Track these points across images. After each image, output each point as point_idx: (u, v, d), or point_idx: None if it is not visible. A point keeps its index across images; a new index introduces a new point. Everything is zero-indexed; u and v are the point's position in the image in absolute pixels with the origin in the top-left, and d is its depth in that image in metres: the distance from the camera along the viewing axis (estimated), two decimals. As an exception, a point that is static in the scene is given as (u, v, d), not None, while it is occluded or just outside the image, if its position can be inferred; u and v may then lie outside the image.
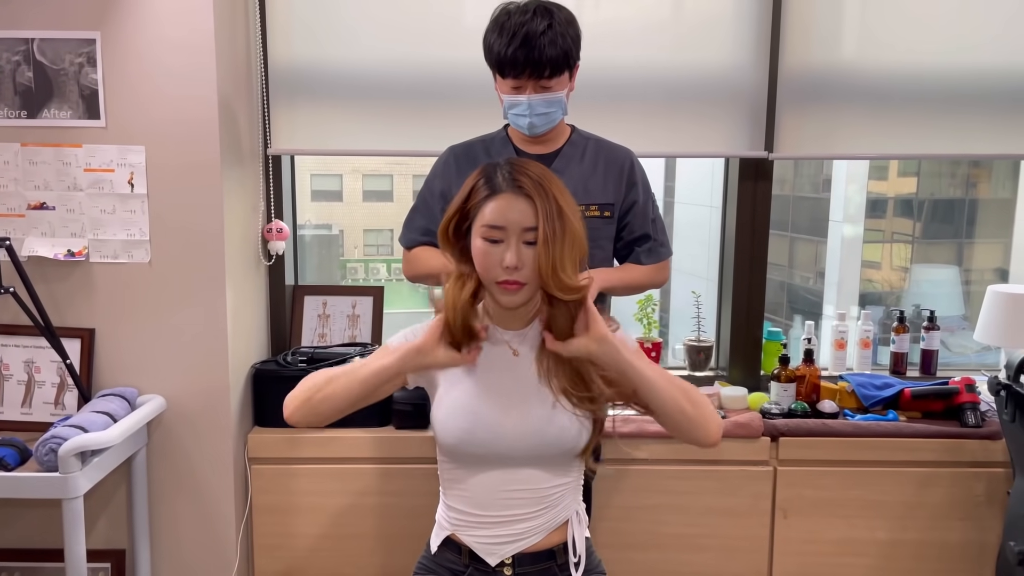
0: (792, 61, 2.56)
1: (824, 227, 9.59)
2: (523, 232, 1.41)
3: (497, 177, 1.44)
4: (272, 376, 2.45)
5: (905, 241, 9.33)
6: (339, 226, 7.78)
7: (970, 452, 2.45)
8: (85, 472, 1.98)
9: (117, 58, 2.19)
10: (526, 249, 1.41)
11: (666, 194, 10.65)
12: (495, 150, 2.03)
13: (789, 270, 10.65)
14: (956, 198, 7.50)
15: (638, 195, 2.05)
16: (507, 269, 1.41)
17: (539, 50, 1.81)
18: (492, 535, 1.56)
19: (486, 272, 1.44)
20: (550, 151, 2.01)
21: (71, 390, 2.27)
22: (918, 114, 2.59)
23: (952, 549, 2.49)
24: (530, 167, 1.45)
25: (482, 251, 1.43)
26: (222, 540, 2.39)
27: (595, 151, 2.04)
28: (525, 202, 1.40)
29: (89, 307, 2.29)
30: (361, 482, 2.43)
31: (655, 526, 2.46)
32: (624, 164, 2.04)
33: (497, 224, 1.41)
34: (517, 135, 2.02)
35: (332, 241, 8.17)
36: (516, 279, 1.42)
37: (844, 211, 9.38)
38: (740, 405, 2.56)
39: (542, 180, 1.43)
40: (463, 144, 2.08)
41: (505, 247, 1.41)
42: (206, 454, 2.35)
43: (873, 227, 9.30)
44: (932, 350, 2.78)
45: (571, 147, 2.03)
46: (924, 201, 8.81)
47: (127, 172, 2.23)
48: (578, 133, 2.07)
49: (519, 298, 1.46)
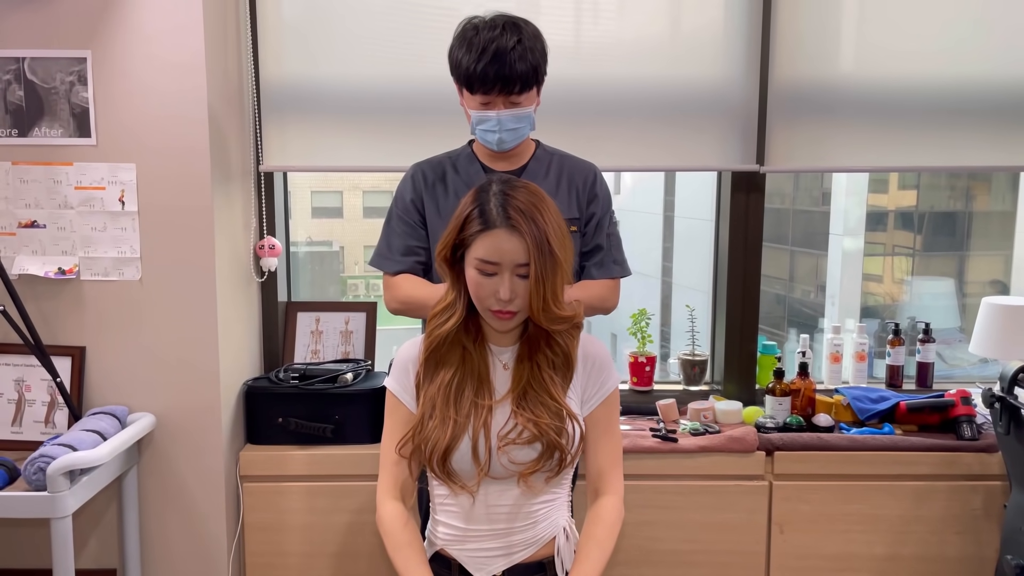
0: (782, 74, 2.56)
1: (824, 240, 9.59)
2: (516, 267, 1.47)
3: (491, 211, 1.48)
4: (264, 393, 2.44)
5: (906, 254, 9.32)
6: (339, 242, 7.79)
7: (966, 465, 2.43)
8: (74, 491, 1.97)
9: (108, 76, 2.20)
10: (519, 281, 1.48)
11: (666, 208, 10.68)
12: (461, 167, 2.02)
13: (789, 283, 10.65)
14: (956, 211, 7.51)
15: (597, 208, 2.03)
16: (500, 300, 1.47)
17: (509, 66, 1.81)
18: (481, 548, 1.59)
19: (480, 301, 1.51)
20: (516, 167, 2.00)
21: (62, 409, 2.26)
22: (911, 126, 2.59)
23: (950, 563, 2.47)
24: (519, 197, 1.49)
25: (476, 282, 1.49)
26: (214, 559, 2.37)
27: (559, 167, 2.03)
28: (517, 239, 1.46)
29: (80, 325, 2.28)
30: (354, 500, 2.42)
31: (648, 542, 2.44)
32: (587, 177, 2.03)
33: (491, 260, 1.47)
34: (483, 151, 2.01)
35: (332, 258, 8.17)
36: (508, 309, 1.49)
37: (844, 224, 9.38)
38: (735, 419, 2.55)
39: (534, 212, 1.48)
40: (427, 161, 2.05)
41: (499, 280, 1.48)
42: (197, 472, 2.34)
43: (873, 240, 9.30)
44: (928, 363, 2.77)
45: (536, 163, 2.02)
46: (924, 214, 8.82)
47: (118, 190, 2.23)
48: (543, 148, 2.05)
49: (511, 324, 1.54)
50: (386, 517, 1.60)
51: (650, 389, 2.74)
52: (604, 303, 2.03)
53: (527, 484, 1.55)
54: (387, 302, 2.02)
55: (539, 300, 1.47)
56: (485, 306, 1.50)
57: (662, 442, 2.42)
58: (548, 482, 1.58)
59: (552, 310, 1.49)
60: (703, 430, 2.48)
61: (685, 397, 2.72)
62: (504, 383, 1.57)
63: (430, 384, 1.57)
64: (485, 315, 1.53)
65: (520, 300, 1.48)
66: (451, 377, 1.55)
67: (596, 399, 1.62)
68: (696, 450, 2.41)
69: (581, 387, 1.61)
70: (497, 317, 1.51)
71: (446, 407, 1.53)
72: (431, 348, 1.57)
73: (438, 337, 1.56)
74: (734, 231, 2.69)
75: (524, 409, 1.54)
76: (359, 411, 2.42)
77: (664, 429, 2.47)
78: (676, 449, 2.41)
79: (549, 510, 1.61)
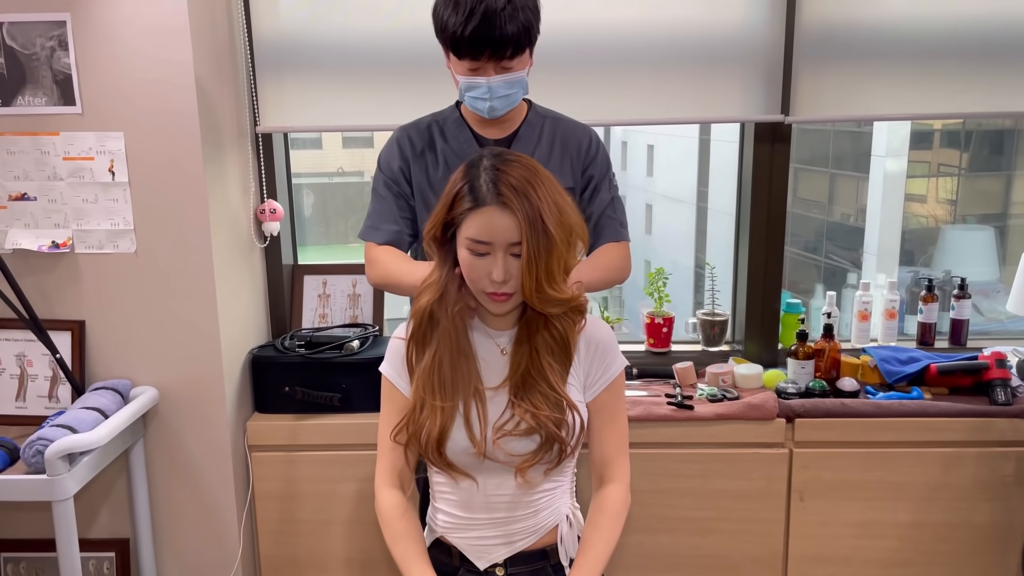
0: (810, 15, 2.37)
1: (866, 163, 9.26)
2: (509, 246, 1.37)
3: (481, 186, 1.38)
4: (270, 363, 2.39)
5: (952, 174, 8.98)
6: (371, 173, 7.72)
7: (999, 431, 2.32)
8: (74, 473, 1.95)
9: (89, 40, 2.09)
10: (513, 261, 1.38)
11: (701, 132, 10.32)
12: (450, 133, 1.88)
13: (829, 207, 10.36)
14: (1005, 128, 7.20)
15: (595, 171, 1.89)
16: (494, 282, 1.38)
17: (499, 28, 1.65)
18: (482, 536, 1.54)
19: (473, 283, 1.42)
20: (507, 134, 1.86)
21: (64, 383, 2.23)
22: (951, 68, 2.39)
23: (977, 529, 2.39)
24: (512, 172, 1.39)
25: (468, 263, 1.40)
26: (224, 527, 2.37)
27: (552, 131, 1.88)
28: (510, 216, 1.36)
29: (78, 299, 2.24)
30: (363, 468, 2.38)
31: (664, 510, 2.38)
32: (582, 142, 1.89)
33: (481, 239, 1.38)
34: (472, 116, 1.87)
35: (365, 188, 8.10)
36: (504, 291, 1.40)
37: (887, 145, 9.04)
38: (755, 384, 2.45)
39: (527, 188, 1.37)
40: (413, 123, 1.92)
41: (492, 261, 1.38)
42: (203, 444, 2.32)
43: (918, 159, 8.95)
44: (962, 319, 2.63)
45: (528, 128, 1.88)
46: (972, 132, 8.46)
47: (107, 160, 2.15)
48: (535, 111, 1.90)
49: (507, 307, 1.45)
50: (384, 506, 1.55)
51: (667, 351, 2.65)
52: (621, 272, 1.90)
53: (524, 478, 1.49)
54: (368, 276, 1.90)
55: (532, 281, 1.37)
56: (479, 288, 1.41)
57: (677, 410, 2.33)
58: (547, 474, 1.52)
59: (547, 292, 1.38)
60: (721, 396, 2.39)
61: (704, 358, 2.62)
62: (502, 369, 1.49)
63: (419, 367, 1.49)
64: (480, 298, 1.44)
65: (515, 281, 1.39)
66: (433, 359, 1.47)
67: (600, 384, 1.53)
68: (713, 418, 2.33)
69: (584, 372, 1.53)
70: (492, 300, 1.42)
71: (432, 394, 1.46)
72: (413, 328, 1.50)
73: (416, 314, 1.49)
74: (757, 185, 2.53)
75: (522, 399, 1.46)
76: (366, 380, 2.36)
77: (680, 395, 2.39)
78: (692, 417, 2.33)
79: (551, 498, 1.55)
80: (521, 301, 1.44)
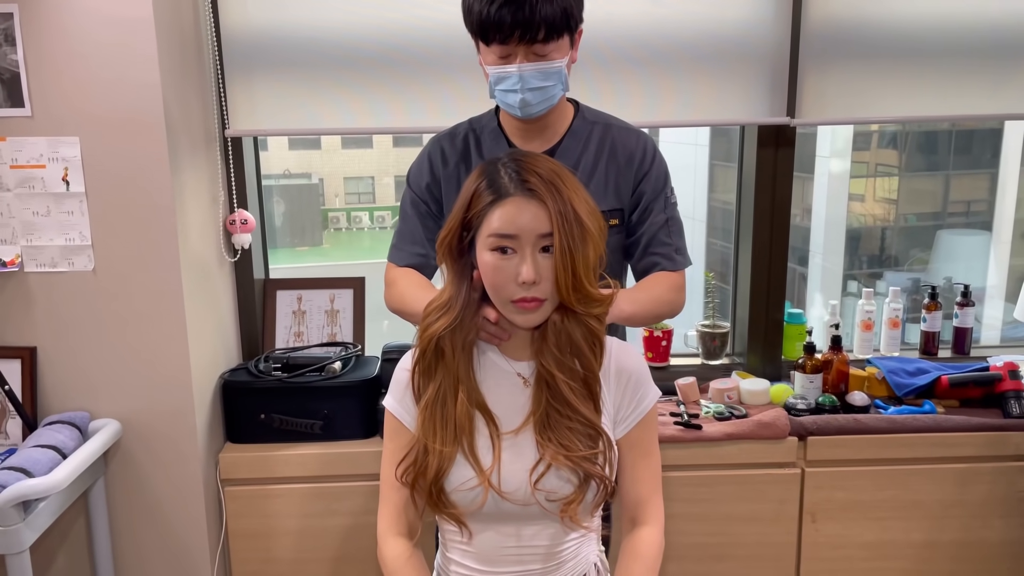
0: (817, 14, 2.26)
1: (811, 163, 9.35)
2: (538, 239, 1.20)
3: (502, 178, 1.21)
4: (243, 388, 2.19)
5: (891, 174, 9.13)
6: (318, 175, 7.44)
7: (1014, 445, 2.24)
8: (29, 522, 1.73)
9: (40, 35, 1.87)
10: (543, 259, 1.20)
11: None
12: (487, 145, 1.69)
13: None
14: (940, 130, 7.32)
15: (647, 186, 1.68)
16: (523, 285, 1.20)
17: (531, 6, 1.46)
18: None
19: (498, 291, 1.23)
20: (549, 146, 1.67)
21: (14, 417, 2.00)
22: (959, 70, 2.30)
23: (992, 548, 2.30)
24: (538, 162, 1.23)
25: (492, 266, 1.22)
26: (196, 570, 2.16)
27: (600, 138, 1.68)
28: (537, 205, 1.19)
29: (29, 323, 2.01)
30: (348, 501, 2.20)
31: (672, 536, 2.21)
32: (634, 152, 1.68)
33: (507, 232, 1.20)
34: (511, 125, 1.67)
35: (312, 191, 7.85)
36: (534, 295, 1.21)
37: (832, 146, 9.14)
38: (762, 400, 2.33)
39: (554, 178, 1.21)
40: (448, 132, 1.73)
41: (519, 259, 1.20)
42: (172, 480, 2.10)
43: (859, 159, 9.08)
44: (966, 328, 2.55)
45: (572, 139, 1.68)
46: (909, 133, 8.60)
47: (60, 168, 1.93)
48: (582, 117, 1.70)
49: (538, 317, 1.25)
50: (388, 557, 1.37)
51: (667, 365, 2.51)
52: (672, 307, 1.67)
53: (573, 519, 1.31)
54: (385, 300, 1.72)
55: (567, 276, 1.19)
56: (504, 296, 1.23)
57: (685, 430, 2.20)
58: (592, 513, 1.36)
59: (585, 288, 1.21)
60: (728, 414, 2.26)
61: (704, 372, 2.49)
62: (524, 404, 1.32)
63: (422, 401, 1.32)
64: (505, 309, 1.25)
65: (547, 284, 1.21)
66: (436, 393, 1.30)
67: (633, 418, 1.37)
68: (722, 438, 2.20)
69: (615, 406, 1.36)
70: (520, 308, 1.23)
71: (433, 433, 1.29)
72: (419, 356, 1.31)
73: (426, 339, 1.30)
74: (760, 190, 2.41)
75: (549, 440, 1.29)
76: (350, 404, 2.18)
77: (685, 413, 2.25)
78: (700, 437, 2.20)
79: (577, 547, 1.39)
80: (552, 310, 1.26)
